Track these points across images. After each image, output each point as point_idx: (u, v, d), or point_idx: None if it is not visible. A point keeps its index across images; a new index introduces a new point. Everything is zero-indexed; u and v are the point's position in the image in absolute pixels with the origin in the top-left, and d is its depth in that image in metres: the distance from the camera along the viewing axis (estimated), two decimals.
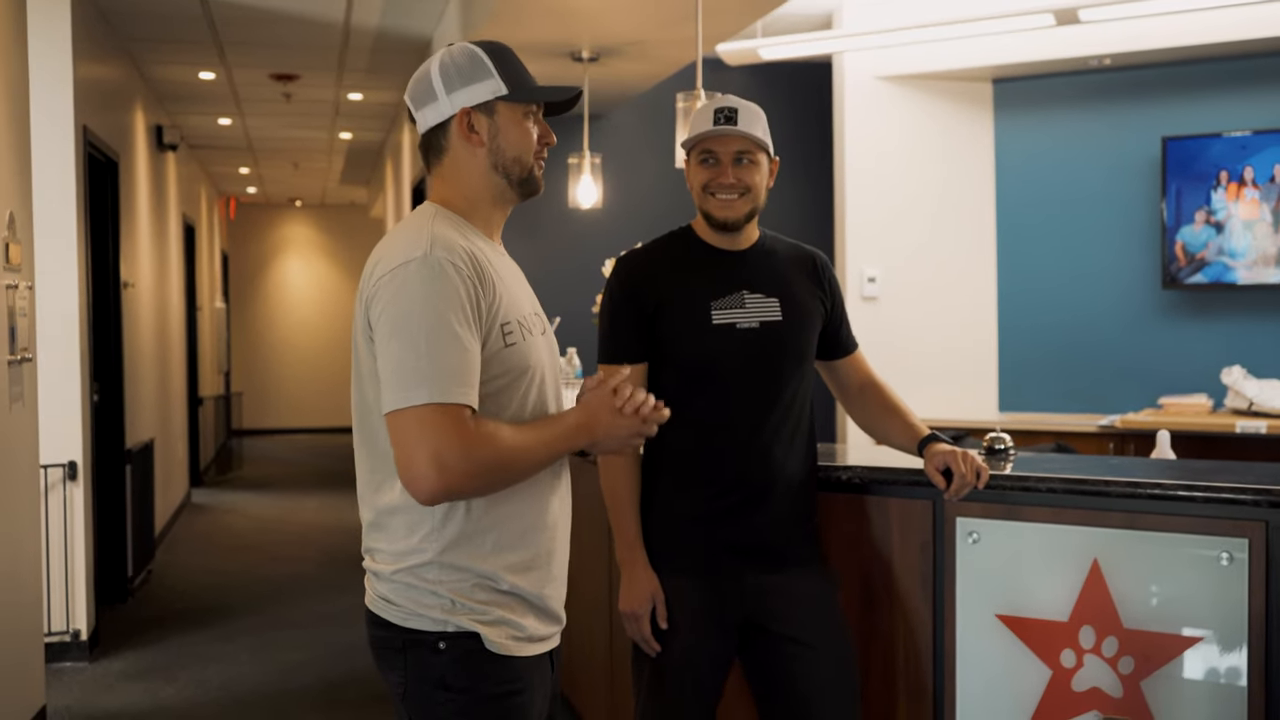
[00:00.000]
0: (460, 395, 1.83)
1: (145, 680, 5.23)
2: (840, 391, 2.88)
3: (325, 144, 11.41)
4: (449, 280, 1.86)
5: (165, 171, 9.28)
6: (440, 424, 1.81)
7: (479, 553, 1.93)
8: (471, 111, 2.01)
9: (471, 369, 1.86)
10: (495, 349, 1.92)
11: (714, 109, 2.61)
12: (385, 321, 1.87)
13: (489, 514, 1.93)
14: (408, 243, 1.91)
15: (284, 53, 7.62)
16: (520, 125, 2.02)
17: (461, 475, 1.82)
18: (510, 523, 1.95)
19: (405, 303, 1.86)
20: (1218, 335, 5.95)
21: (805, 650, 2.63)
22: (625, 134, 7.12)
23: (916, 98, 6.39)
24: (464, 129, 2.01)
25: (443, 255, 1.88)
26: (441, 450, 1.80)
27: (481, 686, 1.92)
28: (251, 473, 12.71)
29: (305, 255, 17.04)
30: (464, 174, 2.04)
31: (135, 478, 6.87)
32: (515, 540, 1.96)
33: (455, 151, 2.04)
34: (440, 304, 1.85)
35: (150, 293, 8.15)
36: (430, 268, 1.86)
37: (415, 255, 1.88)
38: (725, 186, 2.61)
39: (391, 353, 1.85)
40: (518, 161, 2.03)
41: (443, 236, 1.92)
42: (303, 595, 6.85)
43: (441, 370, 1.82)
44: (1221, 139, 5.81)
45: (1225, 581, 2.52)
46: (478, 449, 1.83)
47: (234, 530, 9.17)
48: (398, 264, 1.89)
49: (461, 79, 2.01)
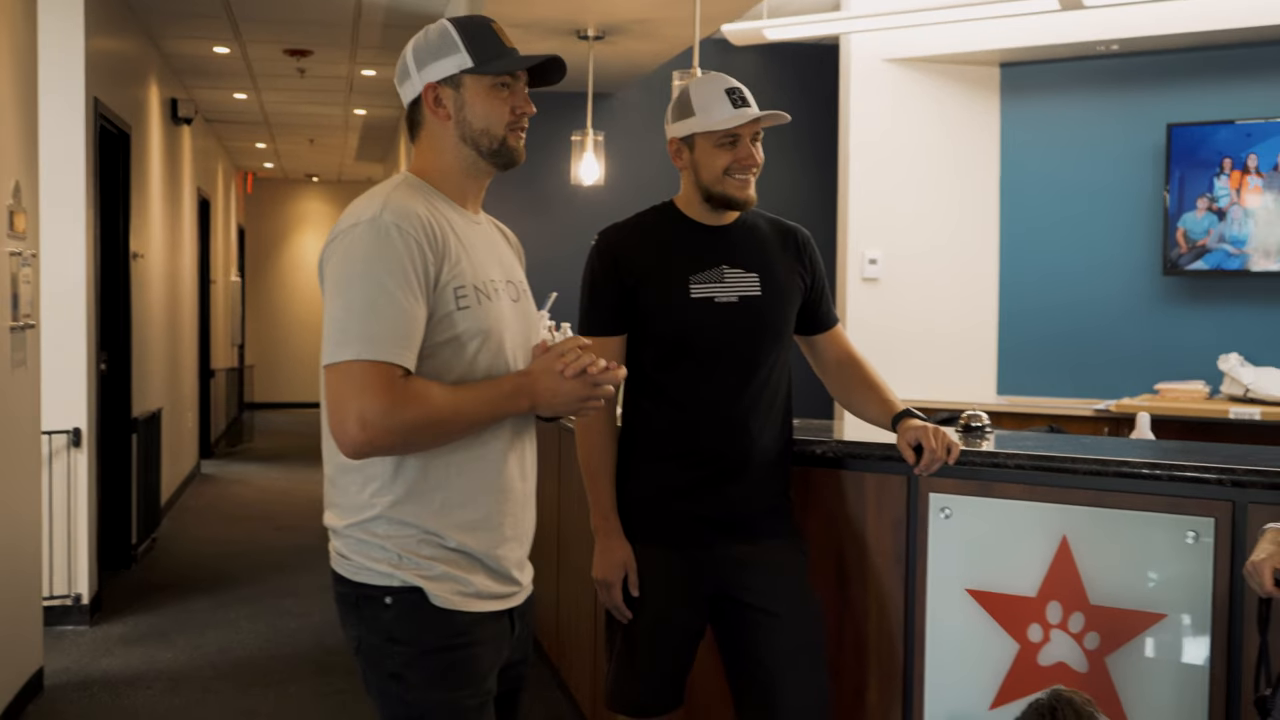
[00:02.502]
0: (390, 354, 1.88)
1: (143, 644, 5.31)
2: (819, 366, 2.91)
3: (340, 120, 11.45)
4: (391, 243, 1.91)
5: (180, 145, 9.34)
6: (367, 381, 1.86)
7: (426, 510, 1.98)
8: (437, 86, 2.05)
9: (406, 330, 1.90)
10: (446, 310, 1.96)
11: (724, 90, 2.64)
12: (329, 281, 1.95)
13: (438, 472, 1.98)
14: (363, 207, 1.97)
15: (297, 28, 7.66)
16: (489, 97, 2.05)
17: (384, 431, 1.87)
18: (459, 481, 2.00)
19: (347, 264, 1.93)
20: (1217, 322, 5.95)
21: (774, 620, 2.66)
22: (631, 113, 7.14)
23: (922, 81, 6.39)
24: (430, 103, 2.07)
25: (390, 219, 1.93)
26: (365, 407, 1.86)
27: (426, 639, 1.97)
28: (262, 445, 12.80)
29: (321, 231, 17.09)
30: (436, 146, 2.09)
31: (141, 446, 6.95)
32: (464, 499, 2.00)
33: (428, 125, 2.09)
34: (379, 265, 1.90)
35: (161, 265, 8.22)
36: (376, 230, 1.92)
37: (364, 218, 1.94)
38: (751, 168, 2.65)
39: (330, 311, 1.92)
40: (486, 133, 2.06)
41: (397, 202, 1.96)
42: (303, 566, 6.92)
43: (372, 329, 1.88)
44: (1227, 126, 5.80)
45: (1191, 560, 2.55)
46: (403, 408, 1.87)
47: (241, 501, 9.26)
48: (348, 225, 1.96)
49: (430, 55, 2.06)
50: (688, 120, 2.68)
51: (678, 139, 2.72)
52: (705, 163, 2.67)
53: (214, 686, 4.76)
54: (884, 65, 6.35)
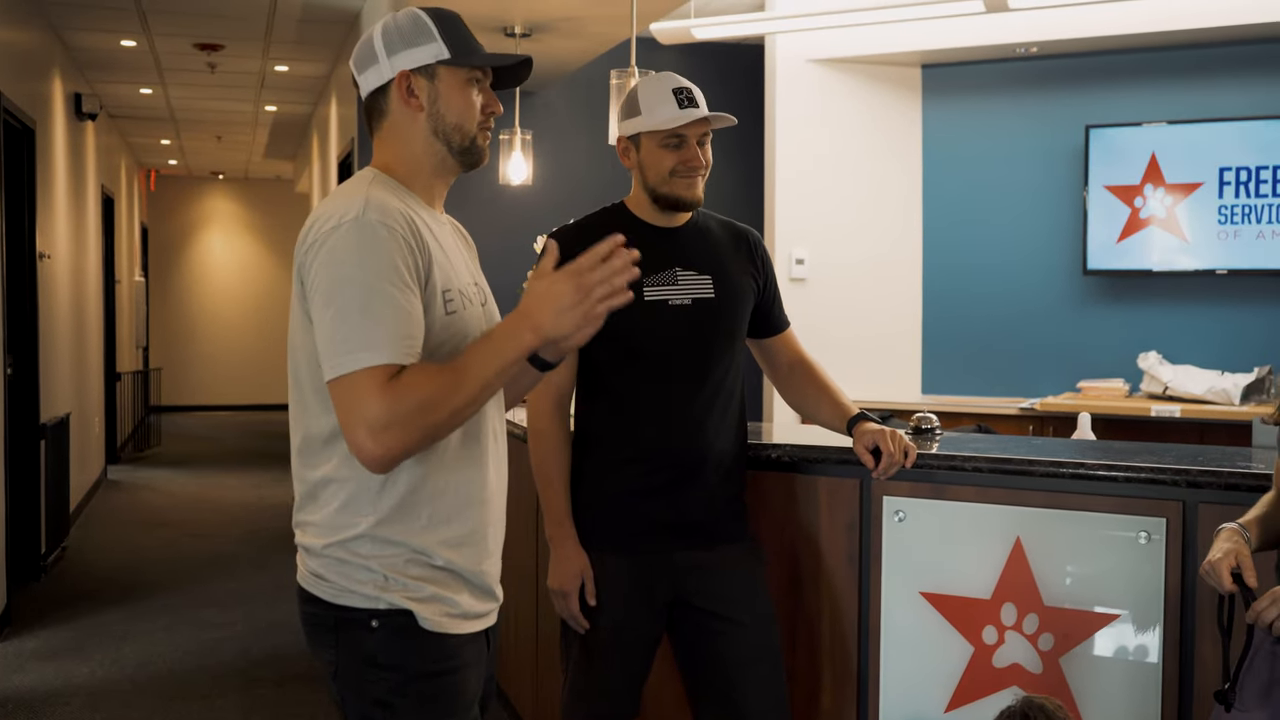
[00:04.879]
0: (394, 355, 1.77)
1: (58, 659, 5.12)
2: (771, 369, 2.89)
3: (250, 116, 11.20)
4: (381, 242, 1.81)
5: (84, 141, 9.05)
6: (362, 388, 1.75)
7: (413, 527, 1.88)
8: (411, 75, 1.96)
9: (408, 327, 1.80)
10: (437, 316, 1.88)
11: (671, 89, 2.60)
12: (319, 288, 1.82)
13: (425, 486, 1.89)
14: (341, 206, 1.86)
15: (209, 21, 7.46)
16: (462, 92, 1.98)
17: (395, 429, 1.74)
18: (447, 495, 1.91)
19: (337, 267, 1.81)
20: (1135, 321, 6.07)
21: (731, 626, 2.64)
22: (556, 111, 7.07)
23: (847, 81, 6.42)
24: (403, 92, 1.97)
25: (374, 217, 1.83)
26: (366, 414, 1.75)
27: (414, 664, 1.88)
28: (170, 449, 12.49)
29: (227, 230, 16.76)
30: (404, 139, 1.99)
31: (50, 453, 6.72)
32: (451, 514, 1.91)
33: (395, 116, 1.99)
34: (370, 266, 1.80)
35: (67, 265, 7.96)
36: (362, 229, 1.81)
37: (348, 218, 1.83)
38: (697, 169, 2.62)
39: (327, 320, 1.80)
40: (458, 129, 1.98)
41: (377, 199, 1.87)
42: (222, 573, 6.75)
43: (373, 334, 1.77)
44: (1142, 128, 5.91)
45: (1143, 560, 2.58)
46: (400, 400, 1.75)
47: (152, 507, 9.01)
48: (329, 227, 1.84)
49: (403, 41, 1.96)
50: (634, 119, 2.64)
51: (625, 138, 2.69)
52: (651, 163, 2.64)
53: (136, 702, 4.60)
54: (809, 66, 6.37)
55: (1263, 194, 5.68)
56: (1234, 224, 5.73)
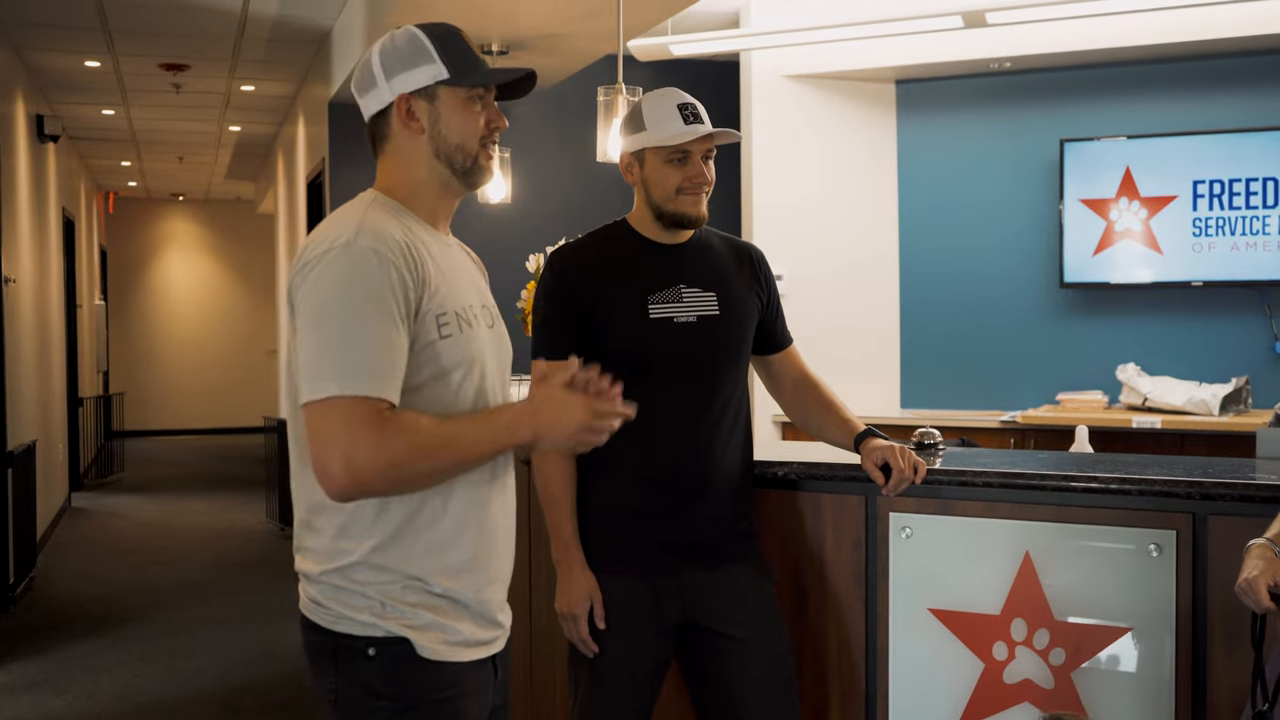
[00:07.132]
0: (374, 388, 1.75)
1: (31, 693, 5.00)
2: (775, 386, 2.87)
3: (213, 137, 11.09)
4: (370, 269, 1.78)
5: (45, 163, 8.93)
6: (351, 418, 1.73)
7: (410, 554, 1.85)
8: (410, 98, 1.93)
9: (390, 361, 1.77)
10: (428, 340, 1.84)
11: (676, 105, 2.58)
12: (304, 311, 1.80)
13: (422, 513, 1.86)
14: (335, 230, 1.83)
15: (176, 41, 7.38)
16: (464, 111, 1.94)
17: (373, 472, 1.73)
18: (444, 523, 1.88)
19: (323, 291, 1.78)
20: (1112, 334, 6.10)
21: (740, 646, 2.60)
22: (532, 129, 7.04)
23: (822, 97, 6.43)
24: (403, 116, 1.94)
25: (367, 243, 1.80)
26: (351, 446, 1.72)
27: (413, 694, 1.85)
28: (135, 475, 12.30)
29: (187, 252, 16.60)
30: (406, 162, 1.96)
31: (17, 480, 6.59)
32: (449, 541, 1.88)
33: (396, 139, 1.96)
34: (359, 293, 1.77)
35: (31, 289, 7.83)
36: (352, 255, 1.79)
37: (339, 243, 1.80)
38: (702, 185, 2.59)
39: (308, 343, 1.78)
40: (461, 149, 1.95)
41: (372, 224, 1.83)
42: (194, 600, 6.63)
43: (355, 362, 1.74)
44: (1116, 141, 5.95)
45: (1154, 573, 2.57)
46: (390, 444, 1.73)
47: (119, 534, 8.86)
48: (320, 251, 1.81)
49: (401, 64, 1.93)
50: (639, 135, 2.62)
51: (629, 154, 2.66)
52: (655, 179, 2.61)
53: None
54: (784, 82, 6.37)
55: (1236, 206, 5.73)
56: (1208, 236, 5.78)
